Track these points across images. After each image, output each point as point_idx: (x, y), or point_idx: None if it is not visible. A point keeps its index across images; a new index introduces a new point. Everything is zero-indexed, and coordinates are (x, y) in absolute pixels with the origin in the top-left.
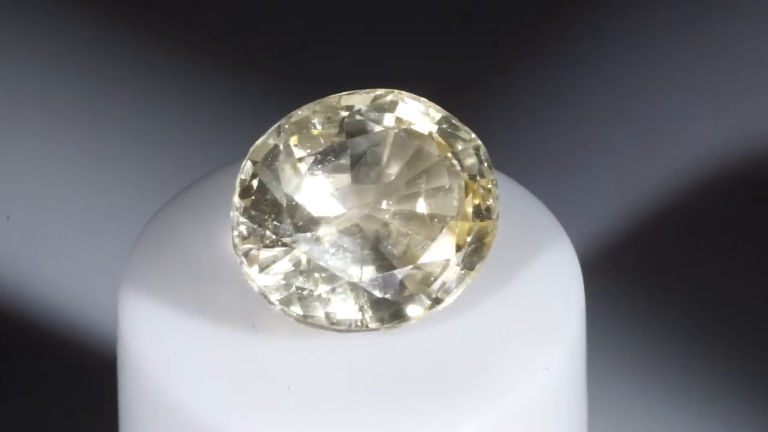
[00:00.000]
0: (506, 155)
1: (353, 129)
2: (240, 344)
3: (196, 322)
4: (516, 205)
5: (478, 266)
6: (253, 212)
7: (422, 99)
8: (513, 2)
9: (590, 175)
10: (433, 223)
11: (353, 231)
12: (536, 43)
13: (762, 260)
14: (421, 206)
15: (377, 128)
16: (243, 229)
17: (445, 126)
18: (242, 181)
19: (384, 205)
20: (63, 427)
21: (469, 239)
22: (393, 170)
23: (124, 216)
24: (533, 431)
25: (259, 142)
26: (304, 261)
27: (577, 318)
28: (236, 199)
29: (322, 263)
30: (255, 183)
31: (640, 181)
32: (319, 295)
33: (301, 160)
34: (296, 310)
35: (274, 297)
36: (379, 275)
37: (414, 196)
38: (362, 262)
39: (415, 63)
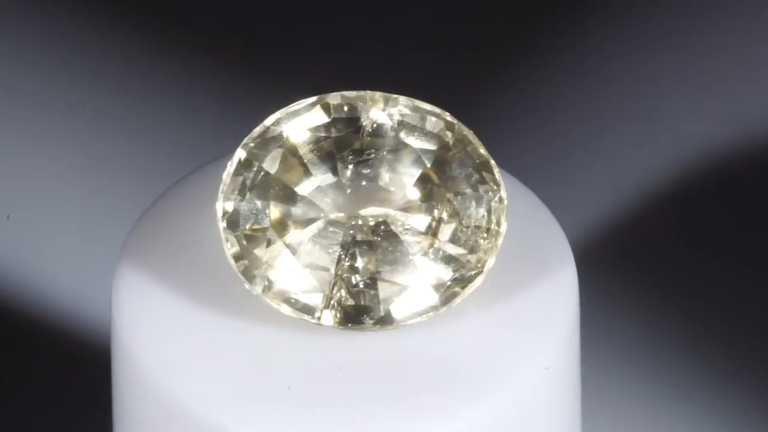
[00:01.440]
0: (503, 149)
1: (380, 133)
2: (238, 341)
3: (192, 316)
4: (512, 201)
5: (454, 302)
6: (246, 183)
7: (467, 130)
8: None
9: (587, 172)
10: (424, 250)
11: (343, 231)
12: (534, 38)
13: (759, 257)
14: (421, 228)
15: (408, 142)
16: (232, 179)
17: (480, 163)
18: (241, 157)
19: (385, 216)
20: (59, 420)
21: (449, 280)
22: (404, 187)
23: (123, 212)
24: (529, 428)
25: (273, 117)
26: (283, 245)
27: (571, 315)
28: (233, 167)
29: (303, 252)
30: (254, 161)
31: (637, 178)
32: (288, 279)
33: (310, 146)
34: (261, 285)
35: (246, 269)
36: (353, 278)
37: (418, 221)
38: (342, 261)
39: (413, 59)
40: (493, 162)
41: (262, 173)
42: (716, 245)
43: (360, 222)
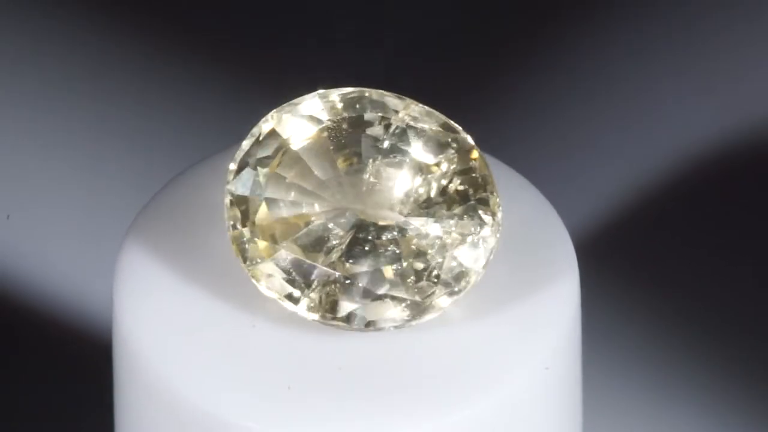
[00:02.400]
0: (504, 149)
1: (404, 140)
2: (239, 340)
3: (193, 314)
4: (516, 198)
5: (425, 317)
6: (258, 166)
7: (485, 159)
8: None
9: (587, 171)
10: (414, 262)
11: (343, 226)
12: (536, 38)
13: (760, 256)
14: (417, 241)
15: (424, 158)
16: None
17: (488, 195)
18: (264, 129)
19: (386, 221)
20: (60, 417)
21: (429, 296)
22: (410, 198)
23: (123, 212)
24: (528, 427)
25: (305, 97)
26: (281, 226)
27: (571, 315)
28: (245, 147)
29: (298, 238)
30: (278, 135)
31: (637, 178)
32: (277, 261)
33: (335, 135)
34: (249, 260)
35: (240, 241)
36: (339, 274)
37: (415, 234)
38: (332, 255)
39: (414, 59)
40: (499, 199)
41: (280, 149)
42: (717, 245)
43: (361, 221)
